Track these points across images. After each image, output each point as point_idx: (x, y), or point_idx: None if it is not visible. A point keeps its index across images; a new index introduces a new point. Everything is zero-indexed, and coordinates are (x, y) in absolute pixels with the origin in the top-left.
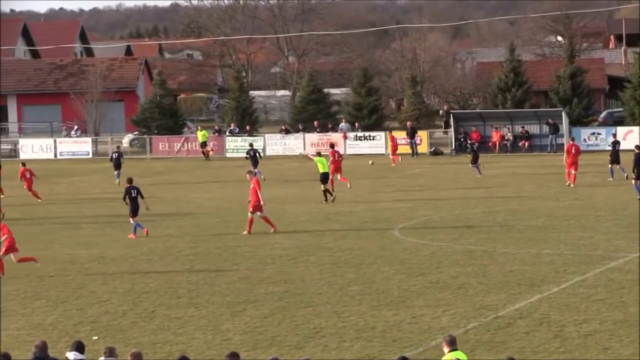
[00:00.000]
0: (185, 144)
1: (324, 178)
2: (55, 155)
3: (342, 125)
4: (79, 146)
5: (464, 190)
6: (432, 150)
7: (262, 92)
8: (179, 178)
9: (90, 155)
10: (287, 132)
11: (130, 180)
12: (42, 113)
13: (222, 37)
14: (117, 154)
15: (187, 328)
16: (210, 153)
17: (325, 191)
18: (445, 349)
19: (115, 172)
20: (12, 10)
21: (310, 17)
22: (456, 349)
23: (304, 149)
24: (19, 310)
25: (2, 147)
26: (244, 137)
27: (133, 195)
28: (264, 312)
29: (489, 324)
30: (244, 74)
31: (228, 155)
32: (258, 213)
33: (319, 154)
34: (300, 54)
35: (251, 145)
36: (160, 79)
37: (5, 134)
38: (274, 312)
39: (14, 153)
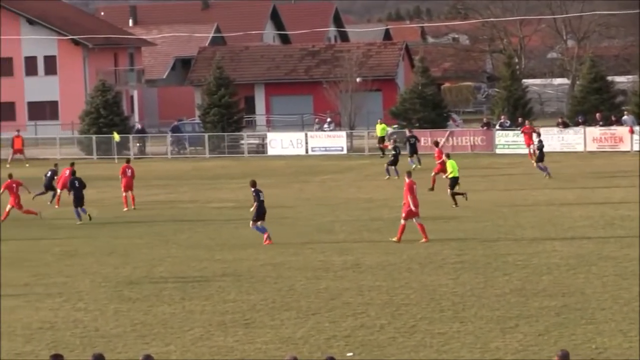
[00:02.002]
0: (450, 138)
1: (454, 183)
2: (307, 151)
3: (626, 117)
4: (332, 141)
5: None
6: None
7: (537, 81)
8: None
9: (345, 151)
10: (565, 125)
11: (254, 183)
12: (292, 104)
13: (491, 19)
14: (413, 139)
15: (451, 345)
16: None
17: (454, 194)
18: None
19: (411, 159)
20: None
21: None
22: None
23: (584, 145)
24: (267, 322)
25: (249, 141)
26: (515, 132)
27: (261, 198)
28: (539, 328)
29: None
30: (516, 60)
31: (498, 151)
32: (414, 219)
33: (448, 156)
34: (580, 37)
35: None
36: (423, 66)
37: (253, 128)
38: (550, 329)
39: (261, 148)
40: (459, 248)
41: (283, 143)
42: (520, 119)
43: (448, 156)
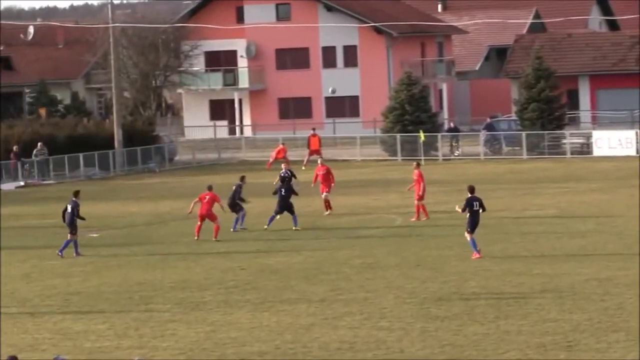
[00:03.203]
0: None
1: None
2: (638, 151)
3: None
4: None
5: None
6: None
7: None
8: None
9: None
10: None
11: (472, 189)
12: (621, 98)
13: None
14: None
15: None
16: None
17: None
18: None
19: None
20: None
21: None
22: None
23: None
24: (592, 345)
25: (572, 141)
26: None
27: (475, 208)
28: None
29: None
30: None
31: None
32: None
33: None
34: None
35: None
36: None
37: (576, 125)
38: None
39: (586, 148)
40: None
41: (610, 142)
42: None
43: None
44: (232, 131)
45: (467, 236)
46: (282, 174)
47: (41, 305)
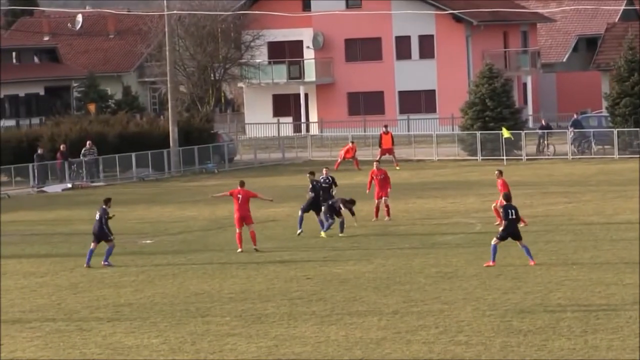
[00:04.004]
0: None
1: None
2: None
3: None
4: None
5: None
6: None
7: None
8: None
9: None
10: None
11: (507, 197)
12: None
13: None
14: None
15: None
16: None
17: None
18: None
19: None
20: None
21: None
22: None
23: None
24: None
25: None
26: None
27: (511, 216)
28: None
29: None
30: None
31: None
32: None
33: None
34: None
35: None
36: None
37: None
38: None
39: None
40: None
41: None
42: None
43: None
44: (297, 128)
45: (493, 241)
46: (322, 179)
47: (90, 317)
